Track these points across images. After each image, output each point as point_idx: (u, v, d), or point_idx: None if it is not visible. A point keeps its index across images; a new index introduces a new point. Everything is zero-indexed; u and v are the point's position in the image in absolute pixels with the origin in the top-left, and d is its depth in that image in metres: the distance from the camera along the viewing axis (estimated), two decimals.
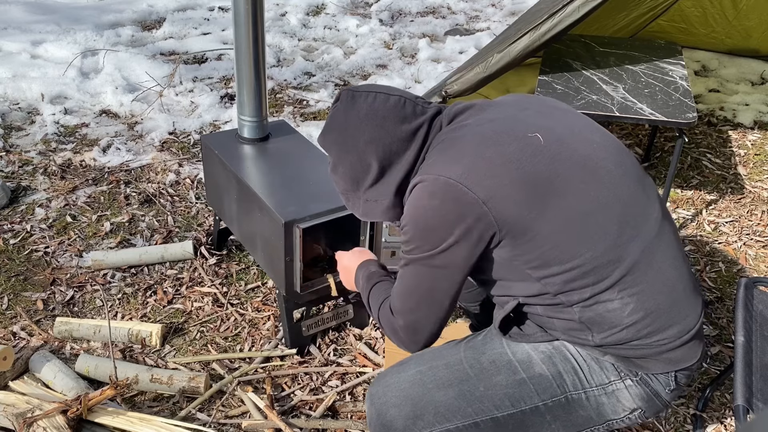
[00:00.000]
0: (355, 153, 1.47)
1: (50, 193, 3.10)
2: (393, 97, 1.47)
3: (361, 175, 1.49)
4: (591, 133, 1.45)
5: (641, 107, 2.65)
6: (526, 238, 1.33)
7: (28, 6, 5.24)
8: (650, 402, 1.45)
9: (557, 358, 1.45)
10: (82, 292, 2.54)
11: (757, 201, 3.24)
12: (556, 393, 1.44)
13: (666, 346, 1.39)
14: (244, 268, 2.67)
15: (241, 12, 2.18)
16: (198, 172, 3.28)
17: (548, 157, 1.34)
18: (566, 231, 1.33)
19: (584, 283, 1.35)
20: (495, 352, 1.49)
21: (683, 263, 1.45)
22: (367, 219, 1.57)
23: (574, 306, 1.37)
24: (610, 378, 1.43)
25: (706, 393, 2.15)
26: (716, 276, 2.74)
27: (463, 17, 5.63)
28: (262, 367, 2.22)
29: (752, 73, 4.48)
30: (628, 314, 1.36)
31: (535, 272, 1.36)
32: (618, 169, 1.40)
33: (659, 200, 1.47)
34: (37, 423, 1.81)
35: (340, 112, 1.50)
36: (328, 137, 1.53)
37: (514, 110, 1.46)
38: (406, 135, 1.45)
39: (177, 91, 4.10)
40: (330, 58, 4.70)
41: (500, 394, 1.45)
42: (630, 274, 1.35)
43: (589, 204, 1.34)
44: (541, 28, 2.67)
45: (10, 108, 3.81)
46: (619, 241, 1.35)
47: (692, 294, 1.44)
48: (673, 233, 1.46)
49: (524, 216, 1.31)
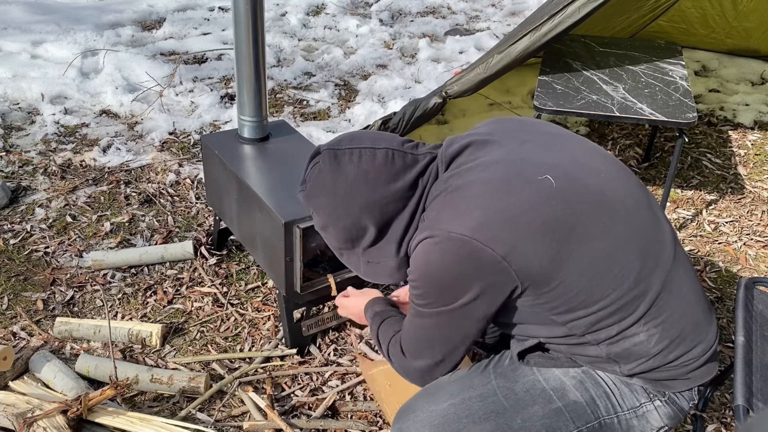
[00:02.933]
0: (348, 218, 1.40)
1: (50, 193, 3.10)
2: (379, 152, 1.37)
3: (357, 237, 1.43)
4: (593, 159, 1.39)
5: (641, 107, 2.65)
6: (549, 288, 1.28)
7: (28, 6, 5.24)
8: (675, 418, 1.44)
9: (589, 383, 1.41)
10: (82, 292, 2.54)
11: (757, 201, 3.24)
12: (590, 419, 1.41)
13: (690, 366, 1.38)
14: (244, 268, 2.67)
15: (241, 12, 2.18)
16: (198, 172, 3.28)
17: (563, 200, 1.27)
18: (591, 275, 1.28)
19: (611, 322, 1.31)
20: (527, 380, 1.43)
21: (697, 282, 1.43)
22: (373, 281, 1.49)
23: (601, 344, 1.34)
24: (640, 401, 1.41)
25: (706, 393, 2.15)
26: (716, 276, 2.74)
27: (463, 17, 5.63)
28: (262, 367, 2.22)
29: (752, 73, 4.48)
30: (654, 344, 1.34)
31: (559, 317, 1.32)
32: (630, 200, 1.35)
33: (664, 216, 1.44)
34: (37, 423, 1.81)
35: (325, 174, 1.40)
36: (314, 201, 1.44)
37: (514, 145, 1.37)
38: (401, 193, 1.37)
39: (177, 91, 4.10)
40: (330, 58, 4.70)
41: (538, 425, 1.40)
42: (654, 306, 1.32)
43: (610, 244, 1.29)
44: (542, 29, 2.67)
45: (10, 108, 3.81)
46: (642, 275, 1.31)
47: (708, 310, 1.43)
48: (684, 252, 1.44)
49: (546, 267, 1.25)
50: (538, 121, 1.53)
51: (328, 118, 3.92)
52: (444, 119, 3.79)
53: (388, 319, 1.59)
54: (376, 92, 4.19)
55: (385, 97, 4.10)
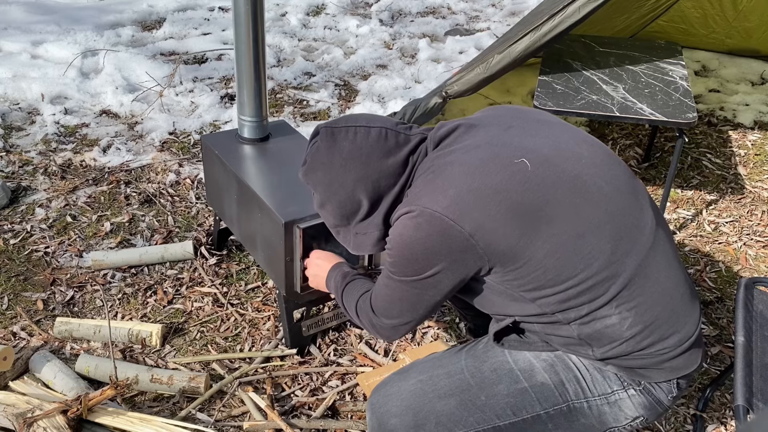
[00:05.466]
0: (343, 192, 1.46)
1: (50, 193, 3.10)
2: (374, 130, 1.45)
3: (352, 212, 1.49)
4: (578, 146, 1.42)
5: (641, 107, 2.65)
6: (516, 266, 1.32)
7: (28, 6, 5.24)
8: (652, 409, 1.45)
9: (559, 366, 1.44)
10: (82, 292, 2.54)
11: (757, 201, 3.24)
12: (558, 401, 1.44)
13: (667, 355, 1.39)
14: (244, 268, 2.67)
15: (241, 12, 2.18)
16: (198, 172, 3.28)
17: (536, 183, 1.32)
18: (558, 256, 1.31)
19: (580, 302, 1.34)
20: (496, 361, 1.48)
21: (679, 271, 1.44)
22: (359, 252, 1.56)
23: (572, 323, 1.37)
24: (612, 388, 1.43)
25: (706, 393, 2.15)
26: (716, 276, 2.74)
27: (463, 17, 5.63)
28: (262, 367, 2.22)
29: (752, 73, 4.48)
30: (627, 328, 1.35)
31: (528, 294, 1.36)
32: (608, 185, 1.38)
33: (652, 206, 1.45)
34: (37, 423, 1.82)
35: (321, 150, 1.48)
36: (312, 176, 1.51)
37: (499, 130, 1.42)
38: (393, 169, 1.44)
39: (177, 91, 4.10)
40: (330, 59, 4.70)
41: (502, 403, 1.44)
42: (627, 289, 1.34)
43: (580, 226, 1.32)
44: (542, 29, 2.67)
45: (10, 108, 3.81)
46: (614, 258, 1.33)
47: (690, 301, 1.43)
48: (668, 240, 1.45)
49: (513, 246, 1.30)
50: (534, 110, 1.56)
51: (328, 118, 3.92)
52: (444, 119, 3.79)
53: (354, 280, 1.69)
54: (376, 92, 4.19)
55: (385, 97, 4.10)
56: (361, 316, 1.59)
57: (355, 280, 1.69)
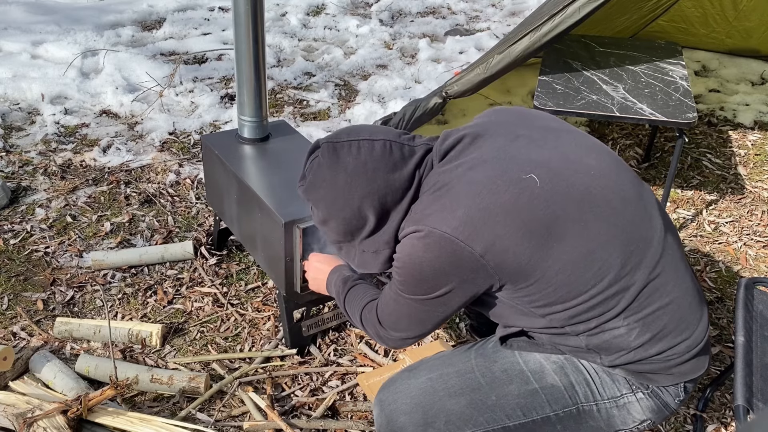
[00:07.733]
0: (349, 209, 1.43)
1: (50, 194, 3.10)
2: (377, 144, 1.41)
3: (357, 228, 1.46)
4: (587, 155, 1.40)
5: (641, 107, 2.65)
6: (527, 283, 1.31)
7: (28, 6, 5.24)
8: (660, 412, 1.45)
9: (569, 369, 1.44)
10: (82, 292, 2.54)
11: (758, 201, 3.24)
12: (568, 404, 1.43)
13: (675, 360, 1.39)
14: (244, 268, 2.67)
15: (241, 12, 2.18)
16: (198, 172, 3.28)
17: (545, 200, 1.30)
18: (569, 273, 1.30)
19: (590, 316, 1.34)
20: (507, 361, 1.48)
21: (688, 278, 1.43)
22: (364, 270, 1.54)
23: (580, 335, 1.37)
24: (621, 391, 1.43)
25: (707, 393, 2.15)
26: (716, 276, 2.74)
27: (463, 17, 5.63)
28: (262, 367, 2.22)
29: (752, 73, 4.48)
30: (635, 338, 1.35)
31: (538, 310, 1.36)
32: (617, 197, 1.37)
33: (660, 212, 1.44)
34: (37, 423, 1.81)
35: (324, 167, 1.43)
36: (313, 193, 1.46)
37: (505, 141, 1.39)
38: (399, 184, 1.40)
39: (177, 91, 4.10)
40: (330, 59, 4.70)
41: (512, 404, 1.44)
42: (636, 301, 1.34)
43: (591, 243, 1.31)
44: (542, 29, 2.66)
45: (10, 108, 3.81)
46: (623, 272, 1.32)
47: (698, 307, 1.43)
48: (677, 247, 1.44)
49: (524, 265, 1.29)
50: (539, 113, 1.54)
51: (328, 118, 3.92)
52: (444, 119, 3.79)
53: (356, 285, 1.67)
54: (376, 92, 4.19)
55: (385, 98, 4.10)
56: (366, 326, 1.57)
57: (357, 286, 1.67)
